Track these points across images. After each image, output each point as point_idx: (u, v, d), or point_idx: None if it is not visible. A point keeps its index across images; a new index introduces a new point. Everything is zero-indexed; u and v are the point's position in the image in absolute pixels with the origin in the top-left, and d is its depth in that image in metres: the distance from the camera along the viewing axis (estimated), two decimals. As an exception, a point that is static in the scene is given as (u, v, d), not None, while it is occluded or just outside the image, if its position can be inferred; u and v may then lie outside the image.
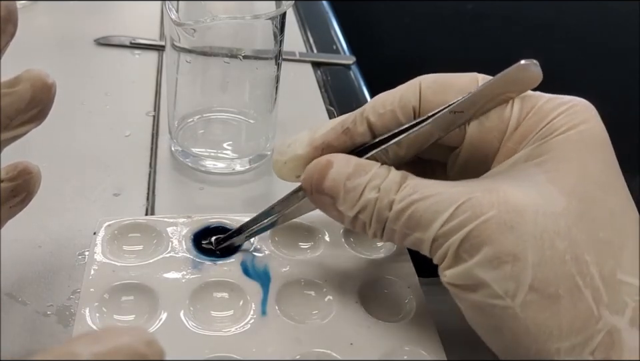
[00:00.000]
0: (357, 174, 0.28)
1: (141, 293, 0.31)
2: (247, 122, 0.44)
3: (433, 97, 0.29)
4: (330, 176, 0.29)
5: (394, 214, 0.27)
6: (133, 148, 0.44)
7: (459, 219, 0.25)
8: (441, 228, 0.26)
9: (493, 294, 0.25)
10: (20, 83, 0.26)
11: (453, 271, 0.26)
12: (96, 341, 0.17)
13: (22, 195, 0.28)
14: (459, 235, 0.25)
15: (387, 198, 0.27)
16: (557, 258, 0.25)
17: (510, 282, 0.25)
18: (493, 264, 0.25)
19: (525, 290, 0.24)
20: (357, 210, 0.28)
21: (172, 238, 0.34)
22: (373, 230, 0.28)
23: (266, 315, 0.30)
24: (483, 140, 0.29)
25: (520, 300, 0.24)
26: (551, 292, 0.24)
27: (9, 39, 0.26)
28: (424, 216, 0.26)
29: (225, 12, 0.39)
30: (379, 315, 0.31)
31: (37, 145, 0.33)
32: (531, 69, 0.27)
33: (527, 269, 0.24)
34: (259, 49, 0.41)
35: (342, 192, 0.28)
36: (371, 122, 0.30)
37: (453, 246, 0.25)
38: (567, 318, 0.24)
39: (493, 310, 0.25)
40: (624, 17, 0.78)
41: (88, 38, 0.56)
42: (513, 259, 0.25)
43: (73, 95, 0.48)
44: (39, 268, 0.34)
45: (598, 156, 0.27)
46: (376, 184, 0.28)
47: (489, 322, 0.26)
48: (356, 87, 0.53)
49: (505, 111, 0.29)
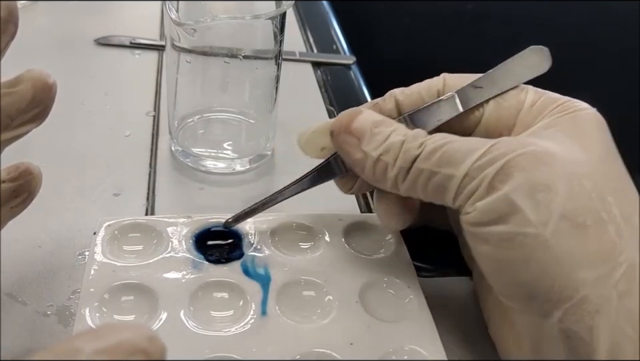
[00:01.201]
0: (385, 123, 0.30)
1: (141, 293, 0.31)
2: (247, 122, 0.44)
3: (456, 82, 0.32)
4: (359, 118, 0.31)
5: (425, 152, 0.28)
6: (133, 148, 0.44)
7: (495, 153, 0.27)
8: (477, 162, 0.27)
9: (525, 222, 0.25)
10: (21, 83, 0.26)
11: (485, 202, 0.26)
12: (98, 337, 0.17)
13: (23, 196, 0.28)
14: (494, 166, 0.26)
15: (415, 140, 0.29)
16: (584, 193, 0.26)
17: (543, 209, 0.25)
18: (529, 191, 0.26)
19: (556, 218, 0.25)
20: (382, 150, 0.29)
21: (172, 238, 0.34)
22: (396, 171, 0.29)
23: (266, 315, 0.30)
24: (499, 117, 0.31)
25: (551, 228, 0.25)
26: (579, 221, 0.25)
27: (9, 39, 0.26)
28: (457, 152, 0.27)
29: (225, 12, 0.39)
30: (379, 315, 0.31)
31: (37, 145, 0.33)
32: (541, 51, 0.32)
33: (558, 198, 0.26)
34: (258, 49, 0.41)
35: (368, 134, 0.30)
36: (398, 100, 0.33)
37: (488, 176, 0.26)
38: (594, 247, 0.25)
39: (524, 239, 0.25)
40: (624, 17, 0.78)
41: (88, 38, 0.56)
42: (546, 189, 0.26)
43: (73, 95, 0.48)
44: (39, 268, 0.34)
45: (604, 132, 0.29)
46: (402, 132, 0.30)
47: (515, 254, 0.26)
48: (356, 87, 0.53)
49: (521, 94, 0.31)
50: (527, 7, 0.78)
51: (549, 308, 0.25)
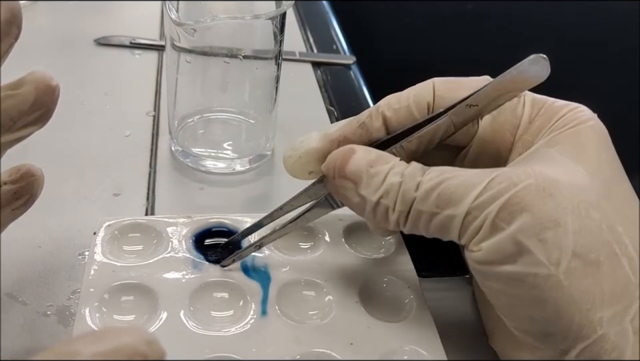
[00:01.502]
0: (380, 161, 0.28)
1: (141, 293, 0.31)
2: (247, 122, 0.44)
3: (447, 93, 0.30)
4: (353, 161, 0.28)
5: (422, 193, 0.26)
6: (132, 148, 0.44)
7: (495, 189, 0.25)
8: (475, 200, 0.25)
9: (535, 262, 0.24)
10: (23, 85, 0.26)
11: (489, 242, 0.25)
12: (97, 340, 0.17)
13: (25, 198, 0.28)
14: (496, 203, 0.25)
15: (412, 181, 0.27)
16: (594, 226, 0.25)
17: (553, 248, 0.24)
18: (535, 230, 0.24)
19: (569, 256, 0.24)
20: (380, 194, 0.28)
21: (172, 238, 0.34)
22: (397, 215, 0.27)
23: (266, 315, 0.30)
24: (495, 133, 0.30)
25: (564, 267, 0.24)
26: (592, 258, 0.24)
27: (12, 42, 0.26)
28: (456, 191, 0.26)
29: (225, 12, 0.39)
30: (379, 315, 0.31)
31: (37, 145, 0.33)
32: (540, 62, 0.28)
33: (568, 235, 0.24)
34: (258, 49, 0.41)
35: (365, 176, 0.28)
36: (386, 117, 0.30)
37: (490, 215, 0.25)
38: (609, 284, 0.24)
39: (535, 279, 0.24)
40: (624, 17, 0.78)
41: (88, 38, 0.56)
42: (555, 225, 0.24)
43: (73, 95, 0.48)
44: (38, 268, 0.34)
45: (606, 146, 0.28)
46: (399, 170, 0.28)
47: (528, 294, 0.25)
48: (356, 87, 0.53)
49: (518, 108, 0.30)
50: (527, 7, 0.78)
51: (566, 346, 0.25)
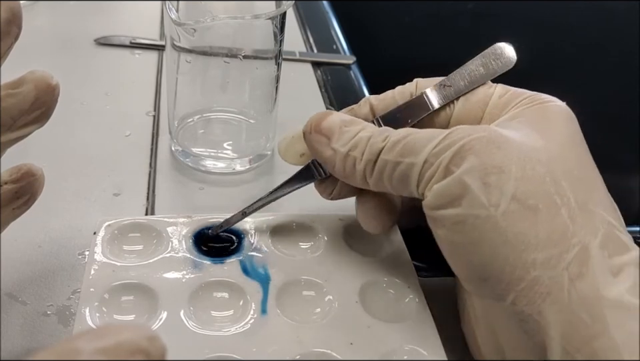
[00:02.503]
0: (354, 122, 0.32)
1: (141, 293, 0.31)
2: (247, 122, 0.44)
3: (428, 84, 0.33)
4: (329, 119, 0.32)
5: (390, 144, 0.29)
6: (132, 148, 0.44)
7: (452, 138, 0.28)
8: (434, 148, 0.28)
9: (477, 203, 0.26)
10: (24, 84, 0.26)
11: (440, 184, 0.27)
12: (98, 337, 0.17)
13: (25, 197, 0.28)
14: (451, 150, 0.27)
15: (381, 135, 0.30)
16: (538, 177, 0.26)
17: (494, 191, 0.26)
18: (480, 173, 0.26)
19: (508, 199, 0.26)
20: (350, 147, 0.30)
21: (172, 238, 0.34)
22: (363, 164, 0.30)
23: (266, 315, 0.30)
24: (469, 112, 0.32)
25: (502, 209, 0.26)
26: (531, 203, 0.26)
27: (12, 41, 0.26)
28: (418, 142, 0.28)
29: (225, 12, 0.39)
30: (379, 315, 0.31)
31: (37, 145, 0.33)
32: (506, 48, 0.33)
33: (510, 180, 0.26)
34: (258, 49, 0.41)
35: (337, 132, 0.31)
36: (372, 105, 0.34)
37: (445, 160, 0.27)
38: (545, 229, 0.25)
39: (475, 220, 0.26)
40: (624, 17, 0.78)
41: (88, 38, 0.56)
42: (498, 171, 0.26)
43: (73, 95, 0.48)
44: (38, 268, 0.34)
45: (571, 125, 0.30)
46: (370, 129, 0.31)
47: (468, 236, 0.26)
48: (356, 87, 0.53)
49: (489, 89, 0.32)
50: (527, 7, 0.78)
51: (502, 290, 0.26)
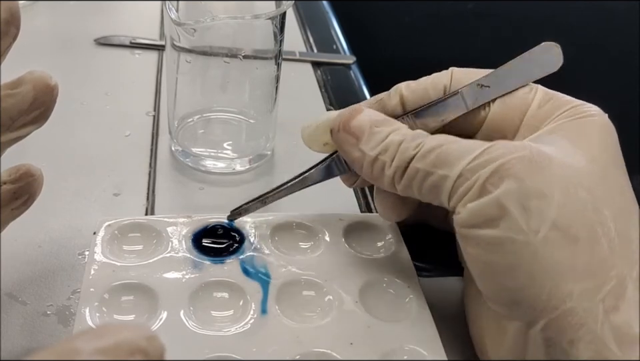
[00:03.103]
0: (385, 123, 0.30)
1: (141, 293, 0.31)
2: (247, 122, 0.44)
3: (463, 79, 0.31)
4: (359, 117, 0.30)
5: (422, 152, 0.28)
6: (132, 148, 0.44)
7: (491, 155, 0.26)
8: (470, 163, 0.26)
9: (515, 227, 0.25)
10: (22, 85, 0.26)
11: (475, 203, 0.26)
12: (97, 337, 0.17)
13: (24, 198, 0.28)
14: (489, 168, 0.26)
15: (414, 141, 0.28)
16: (580, 204, 0.25)
17: (535, 216, 0.25)
18: (521, 196, 0.25)
19: (548, 226, 0.25)
20: (379, 150, 0.29)
21: (172, 238, 0.34)
22: (393, 170, 0.29)
23: (266, 315, 0.30)
24: (504, 117, 0.31)
25: (541, 236, 0.25)
26: (572, 232, 0.25)
27: (11, 42, 0.26)
28: (453, 153, 0.27)
29: (225, 12, 0.39)
30: (379, 315, 0.31)
31: (36, 145, 0.33)
32: (552, 50, 0.30)
33: (552, 207, 0.25)
34: (258, 49, 0.41)
35: (367, 133, 0.30)
36: (403, 96, 0.32)
37: (481, 178, 0.26)
38: (584, 260, 0.25)
39: (512, 245, 0.25)
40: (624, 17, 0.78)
41: (88, 38, 0.56)
42: (541, 195, 0.25)
43: (73, 95, 0.48)
44: (38, 268, 0.34)
45: (611, 141, 0.29)
46: (402, 132, 0.29)
47: (504, 260, 0.25)
48: (356, 87, 0.53)
49: (529, 95, 0.31)
50: (527, 7, 0.78)
51: (534, 316, 0.25)
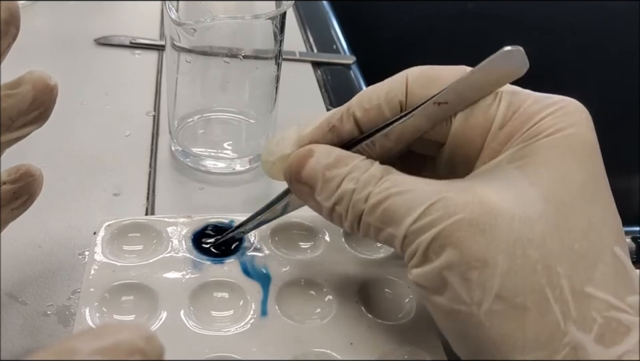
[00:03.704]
0: (337, 164, 0.28)
1: (141, 293, 0.31)
2: (247, 122, 0.44)
3: (419, 91, 0.28)
4: (309, 165, 0.28)
5: (369, 207, 0.26)
6: (133, 148, 0.44)
7: (431, 217, 0.25)
8: (412, 225, 0.25)
9: (458, 298, 0.24)
10: (22, 85, 0.26)
11: (419, 270, 0.25)
12: (95, 337, 0.17)
13: (24, 198, 0.28)
14: (428, 234, 0.25)
15: (364, 190, 0.27)
16: (527, 267, 0.24)
17: (476, 288, 0.24)
18: (461, 268, 0.24)
19: (491, 298, 0.24)
20: (334, 201, 0.27)
21: (172, 238, 0.34)
22: (349, 223, 0.27)
23: (266, 315, 0.30)
24: (466, 137, 0.28)
25: (485, 308, 0.24)
26: (518, 302, 0.23)
27: (11, 42, 0.26)
28: (397, 211, 0.26)
29: (225, 12, 0.39)
30: (379, 315, 0.31)
31: (36, 145, 0.33)
32: (515, 55, 0.26)
33: (495, 277, 0.24)
34: (258, 49, 0.41)
35: (320, 182, 0.28)
36: (357, 118, 0.29)
37: (422, 245, 0.25)
38: (533, 330, 0.23)
39: (458, 315, 0.24)
40: (624, 17, 0.78)
41: (88, 38, 0.56)
42: (482, 265, 0.24)
43: (73, 95, 0.48)
44: (38, 268, 0.34)
45: (583, 162, 0.26)
46: (355, 176, 0.27)
47: (453, 326, 0.25)
48: (356, 87, 0.53)
49: (491, 109, 0.27)
50: (527, 7, 0.78)
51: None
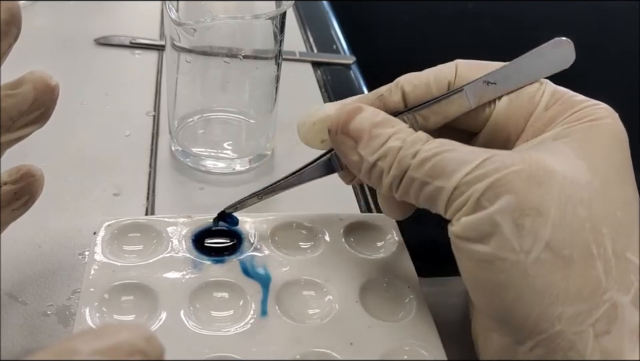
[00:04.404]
0: (384, 124, 0.28)
1: (141, 293, 0.31)
2: (247, 122, 0.44)
3: (468, 73, 0.30)
4: (358, 119, 0.29)
5: (418, 161, 0.27)
6: (132, 148, 0.44)
7: (487, 168, 0.25)
8: (466, 176, 0.25)
9: (506, 246, 0.24)
10: (23, 85, 0.26)
11: (469, 218, 0.25)
12: (96, 337, 0.17)
13: (25, 198, 0.28)
14: (484, 182, 0.25)
15: (412, 148, 0.27)
16: (577, 223, 0.24)
17: (528, 235, 0.24)
18: (515, 214, 0.24)
19: (541, 247, 0.24)
20: (378, 156, 0.28)
21: (172, 238, 0.34)
22: (390, 179, 0.28)
23: (266, 315, 0.30)
24: (509, 117, 0.29)
25: (533, 257, 0.24)
26: (565, 254, 0.24)
27: (12, 42, 0.26)
28: (450, 164, 0.26)
29: (225, 12, 0.39)
30: (379, 315, 0.31)
31: (37, 145, 0.33)
32: (564, 45, 0.29)
33: (546, 227, 0.24)
34: (258, 49, 0.41)
35: (366, 136, 0.28)
36: (405, 92, 0.30)
37: (477, 192, 0.25)
38: (576, 283, 0.24)
39: (503, 264, 0.24)
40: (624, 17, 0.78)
41: (88, 38, 0.56)
42: (536, 213, 0.24)
43: (73, 95, 0.48)
44: (38, 268, 0.34)
45: (619, 148, 0.28)
46: (401, 136, 0.28)
47: (494, 277, 0.25)
48: (356, 87, 0.53)
49: (536, 95, 0.29)
50: (527, 7, 0.78)
51: (522, 336, 0.25)
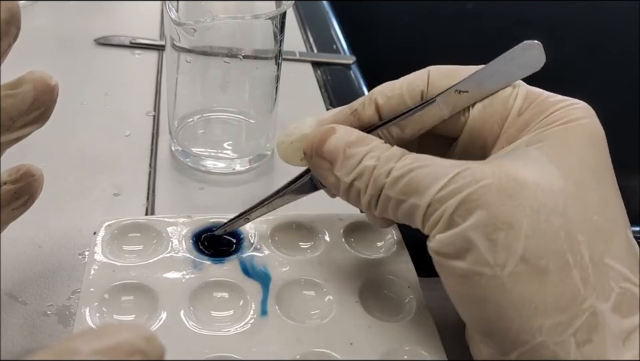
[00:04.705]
0: (358, 143, 0.29)
1: (141, 293, 0.31)
2: (247, 122, 0.44)
3: (441, 81, 0.30)
4: (331, 141, 0.29)
5: (392, 179, 0.27)
6: (133, 148, 0.44)
7: (458, 184, 0.25)
8: (438, 193, 0.25)
9: (481, 261, 0.24)
10: (22, 85, 0.26)
11: (444, 235, 0.25)
12: (96, 338, 0.17)
13: (24, 198, 0.28)
14: (455, 198, 0.25)
15: (386, 166, 0.27)
16: (551, 232, 0.24)
17: (501, 250, 0.24)
18: (487, 229, 0.24)
19: (516, 260, 0.24)
20: (354, 176, 0.28)
21: (172, 238, 0.34)
22: (368, 198, 0.28)
23: (266, 315, 0.30)
24: (484, 124, 0.29)
25: (509, 270, 0.24)
26: (540, 265, 0.24)
27: (11, 42, 0.26)
28: (422, 181, 0.26)
29: (225, 12, 0.39)
30: (379, 315, 0.31)
31: (37, 145, 0.33)
32: (534, 49, 0.28)
33: (519, 239, 0.24)
34: (258, 49, 0.41)
35: (341, 158, 0.29)
36: (378, 105, 0.30)
37: (449, 209, 0.25)
38: (554, 294, 0.24)
39: (480, 279, 0.24)
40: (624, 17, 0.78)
41: (88, 38, 0.56)
42: (508, 227, 0.24)
43: (73, 95, 0.48)
44: (38, 268, 0.34)
45: (596, 149, 0.27)
46: (376, 154, 0.28)
47: (473, 292, 0.25)
48: (356, 87, 0.53)
49: (509, 99, 0.29)
50: (527, 7, 0.78)
51: (506, 348, 0.25)
